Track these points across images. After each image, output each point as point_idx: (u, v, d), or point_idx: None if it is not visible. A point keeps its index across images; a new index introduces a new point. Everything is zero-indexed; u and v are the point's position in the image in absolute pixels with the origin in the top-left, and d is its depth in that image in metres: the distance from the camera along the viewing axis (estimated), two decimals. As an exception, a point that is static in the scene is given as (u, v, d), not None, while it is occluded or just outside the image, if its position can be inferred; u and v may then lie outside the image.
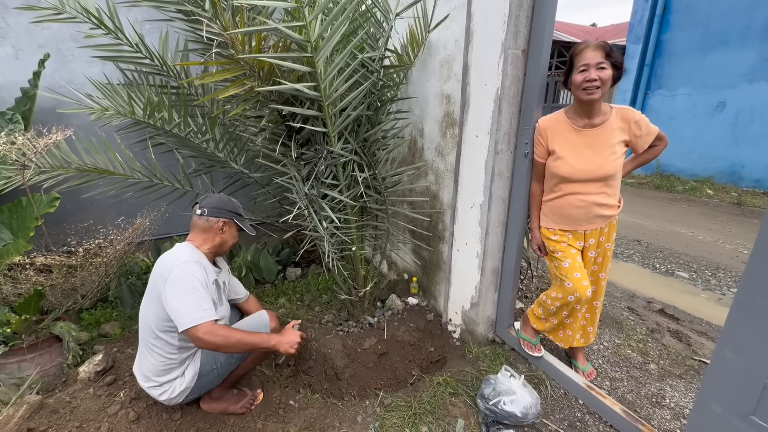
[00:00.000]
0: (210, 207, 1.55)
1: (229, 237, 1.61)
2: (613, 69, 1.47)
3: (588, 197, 1.60)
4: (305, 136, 1.92)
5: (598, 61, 1.46)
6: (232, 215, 1.60)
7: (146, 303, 1.47)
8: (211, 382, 1.57)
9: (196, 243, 1.54)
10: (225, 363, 1.57)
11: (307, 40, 1.42)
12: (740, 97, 6.39)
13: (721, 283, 3.20)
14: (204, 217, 1.54)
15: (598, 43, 1.47)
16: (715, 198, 6.15)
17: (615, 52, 1.47)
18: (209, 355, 1.54)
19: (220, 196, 1.63)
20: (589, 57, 1.47)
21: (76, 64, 2.71)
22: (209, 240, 1.56)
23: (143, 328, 1.48)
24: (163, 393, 1.48)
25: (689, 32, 7.01)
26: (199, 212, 1.55)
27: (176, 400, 1.51)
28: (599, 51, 1.46)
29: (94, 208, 2.76)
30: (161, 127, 2.22)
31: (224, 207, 1.58)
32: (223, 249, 1.62)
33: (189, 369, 1.51)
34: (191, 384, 1.51)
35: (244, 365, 1.64)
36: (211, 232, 1.55)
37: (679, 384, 1.94)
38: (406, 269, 2.89)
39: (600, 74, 1.45)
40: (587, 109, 1.55)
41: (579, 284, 1.63)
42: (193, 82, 2.44)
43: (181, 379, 1.50)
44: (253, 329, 1.58)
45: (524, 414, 1.59)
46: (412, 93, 2.43)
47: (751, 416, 1.07)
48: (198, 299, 1.36)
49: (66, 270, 2.09)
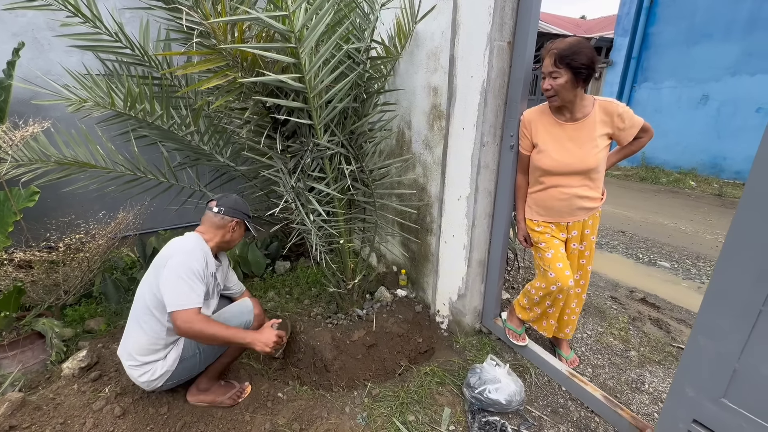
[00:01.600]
0: (227, 207, 1.65)
1: (237, 236, 1.72)
2: (571, 72, 1.45)
3: (570, 190, 1.62)
4: (291, 128, 1.90)
5: (550, 71, 1.49)
6: (244, 216, 1.71)
7: (146, 279, 1.52)
8: (192, 368, 1.58)
9: (206, 237, 1.62)
10: (208, 348, 1.59)
11: (291, 31, 1.39)
12: (723, 90, 6.52)
13: (701, 272, 3.30)
14: (220, 215, 1.63)
15: (552, 51, 1.47)
16: (697, 189, 6.30)
17: (575, 54, 1.42)
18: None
19: (236, 197, 1.74)
20: (545, 65, 1.50)
21: (53, 54, 2.63)
22: (219, 236, 1.65)
23: (137, 304, 1.52)
24: (143, 374, 1.49)
25: (675, 25, 7.10)
26: (216, 210, 1.64)
27: (156, 384, 1.52)
28: (551, 58, 1.47)
29: (75, 203, 2.70)
30: (143, 119, 2.17)
31: (239, 208, 1.69)
32: (229, 246, 1.73)
33: (172, 352, 1.53)
34: (172, 367, 1.52)
35: (229, 352, 1.66)
36: (223, 230, 1.65)
37: (658, 370, 2.01)
38: (395, 261, 2.91)
39: (552, 83, 1.49)
40: (560, 107, 1.59)
41: (561, 274, 1.66)
42: (175, 73, 2.38)
43: (162, 361, 1.51)
44: (236, 315, 1.63)
45: (509, 401, 1.63)
46: (399, 85, 2.42)
47: (722, 399, 1.12)
48: (189, 286, 1.40)
49: (47, 266, 2.05)
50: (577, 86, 1.49)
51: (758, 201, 0.97)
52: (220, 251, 1.73)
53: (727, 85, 6.45)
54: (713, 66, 6.59)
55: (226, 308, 1.70)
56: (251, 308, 1.70)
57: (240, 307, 1.71)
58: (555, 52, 1.46)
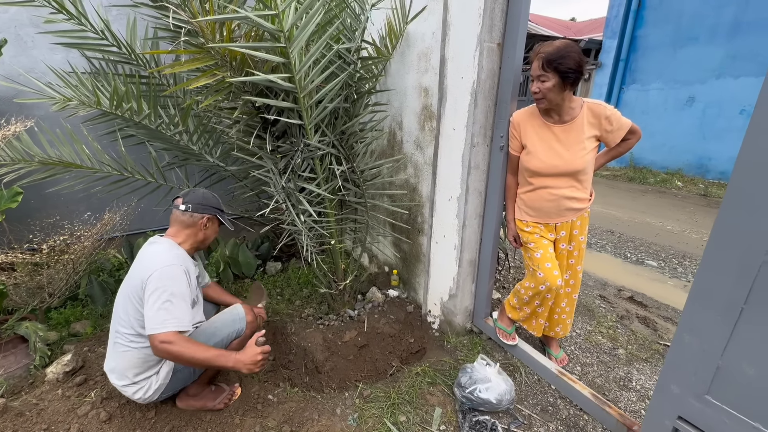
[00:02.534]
0: (195, 203, 1.56)
1: (212, 232, 1.64)
2: (558, 76, 1.47)
3: (558, 191, 1.64)
4: (281, 128, 1.89)
5: (538, 74, 1.50)
6: (215, 211, 1.62)
7: (124, 299, 1.43)
8: (186, 379, 1.55)
9: (178, 240, 1.54)
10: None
11: (281, 30, 1.38)
12: (708, 92, 6.66)
13: (686, 271, 3.36)
14: (188, 213, 1.54)
15: (540, 54, 1.49)
16: (683, 190, 6.43)
17: (562, 58, 1.44)
18: None
19: (203, 191, 1.63)
20: (533, 68, 1.52)
21: (36, 51, 2.56)
22: (192, 236, 1.57)
23: (119, 324, 1.44)
24: (137, 391, 1.45)
25: (662, 28, 7.23)
26: (183, 208, 1.54)
27: (151, 399, 1.49)
28: (539, 62, 1.49)
29: (60, 203, 2.64)
30: (130, 119, 2.13)
31: (208, 203, 1.60)
32: (204, 244, 1.65)
33: (164, 365, 1.49)
34: (165, 381, 1.49)
35: None
36: (194, 228, 1.57)
37: (645, 367, 2.04)
38: (387, 262, 2.91)
39: (540, 86, 1.51)
40: (548, 110, 1.60)
41: (550, 274, 1.68)
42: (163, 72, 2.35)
43: (156, 376, 1.47)
44: (227, 323, 1.57)
45: (499, 400, 1.64)
46: (391, 85, 2.42)
47: (706, 395, 1.14)
48: (167, 308, 1.33)
49: (30, 268, 2.01)
50: (564, 89, 1.51)
51: (739, 202, 0.99)
52: (196, 251, 1.65)
53: (712, 88, 6.59)
54: (699, 68, 6.73)
55: (217, 317, 1.64)
56: (243, 315, 1.62)
57: (231, 315, 1.62)
58: (543, 56, 1.47)
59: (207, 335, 1.52)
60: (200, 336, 1.52)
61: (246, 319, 1.62)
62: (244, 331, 1.61)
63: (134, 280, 1.40)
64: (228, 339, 1.57)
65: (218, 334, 1.54)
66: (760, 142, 0.94)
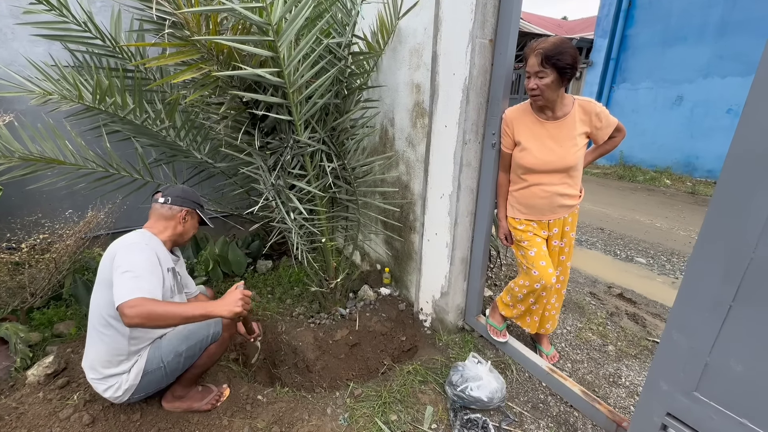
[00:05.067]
0: (174, 196, 1.57)
1: (191, 227, 1.64)
2: (556, 72, 1.47)
3: (551, 188, 1.64)
4: (270, 124, 1.85)
5: (536, 70, 1.49)
6: (194, 205, 1.62)
7: (97, 289, 1.40)
8: (159, 381, 1.49)
9: (154, 230, 1.52)
10: (173, 362, 1.47)
11: (269, 23, 1.35)
12: (696, 91, 6.76)
13: (674, 268, 3.41)
14: (167, 206, 1.55)
15: (537, 50, 1.48)
16: (672, 187, 6.52)
17: (560, 54, 1.44)
18: (156, 351, 1.47)
19: (183, 186, 1.64)
20: (530, 64, 1.51)
21: (17, 43, 2.48)
22: (170, 228, 1.56)
23: (94, 315, 1.40)
24: (108, 389, 1.41)
25: (651, 27, 7.30)
26: (162, 200, 1.55)
27: (122, 399, 1.44)
28: (537, 58, 1.47)
29: (43, 201, 2.57)
30: (115, 113, 2.08)
31: (188, 197, 1.61)
32: (183, 239, 1.63)
33: (135, 366, 1.44)
34: (135, 381, 1.43)
35: (200, 364, 1.54)
36: (173, 221, 1.56)
37: (634, 364, 2.06)
38: (379, 260, 2.89)
39: (538, 82, 1.50)
40: (542, 106, 1.60)
41: (545, 272, 1.68)
42: (148, 65, 2.29)
43: (126, 375, 1.42)
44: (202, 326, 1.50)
45: (490, 398, 1.64)
46: (382, 81, 2.39)
47: (694, 392, 1.14)
48: (133, 276, 1.26)
49: (11, 267, 1.95)
50: (561, 85, 1.51)
51: (727, 202, 1.00)
52: (176, 246, 1.62)
53: (700, 87, 6.69)
54: (687, 68, 6.81)
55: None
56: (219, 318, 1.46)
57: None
58: (541, 52, 1.46)
59: (179, 338, 1.48)
60: (173, 339, 1.48)
61: (222, 321, 1.53)
62: (221, 335, 1.53)
63: (105, 263, 1.37)
64: (202, 344, 1.50)
65: (192, 338, 1.48)
66: (748, 143, 0.94)
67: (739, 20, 6.07)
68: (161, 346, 1.48)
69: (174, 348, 1.48)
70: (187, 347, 1.49)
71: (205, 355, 1.54)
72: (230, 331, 1.57)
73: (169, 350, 1.47)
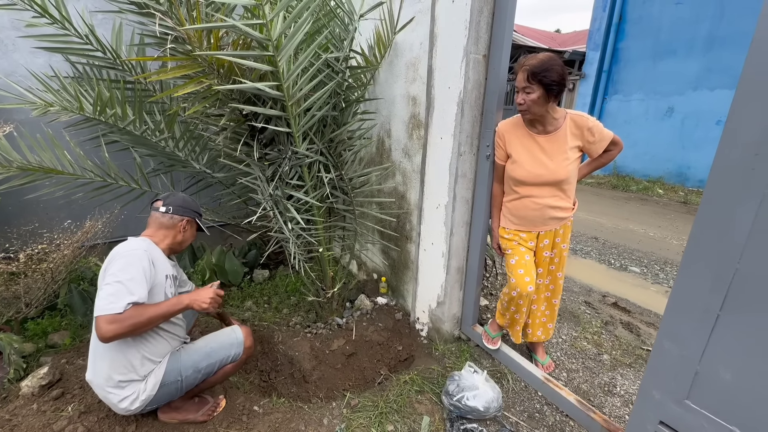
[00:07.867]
0: (175, 205, 1.58)
1: (190, 236, 1.66)
2: (543, 88, 1.50)
3: (542, 200, 1.67)
4: (269, 135, 1.88)
5: (524, 86, 1.54)
6: (195, 214, 1.65)
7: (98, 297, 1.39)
8: (172, 395, 1.50)
9: (155, 239, 1.53)
10: (191, 376, 1.50)
11: (269, 39, 1.39)
12: (686, 103, 6.91)
13: (668, 277, 3.44)
14: (168, 215, 1.56)
15: (525, 66, 1.52)
16: (664, 197, 6.61)
17: (547, 71, 1.47)
18: (175, 363, 1.47)
19: (183, 195, 1.66)
20: (519, 80, 1.56)
21: (17, 55, 2.52)
22: (170, 237, 1.57)
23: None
24: (123, 400, 1.38)
25: (642, 41, 7.49)
26: (164, 209, 1.56)
27: (135, 410, 1.43)
28: (524, 74, 1.52)
29: (40, 210, 2.58)
30: (114, 124, 2.10)
31: (189, 206, 1.63)
32: (182, 247, 1.65)
33: (151, 376, 1.43)
34: (152, 392, 1.43)
35: (212, 381, 1.58)
36: (173, 230, 1.58)
37: (628, 372, 2.07)
38: (376, 269, 2.90)
39: (525, 97, 1.54)
40: (532, 120, 1.64)
41: (521, 280, 1.71)
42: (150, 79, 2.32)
43: (143, 384, 1.41)
44: (224, 346, 1.57)
45: (486, 408, 1.65)
46: (379, 94, 2.44)
47: (685, 400, 1.16)
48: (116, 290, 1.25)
49: (6, 277, 1.94)
50: (548, 101, 1.54)
51: (712, 213, 1.03)
52: (173, 253, 1.63)
53: (690, 99, 6.84)
54: (677, 80, 6.97)
55: (213, 337, 1.60)
56: (242, 340, 1.60)
57: (229, 338, 1.60)
58: (528, 69, 1.50)
59: (201, 355, 1.52)
60: (194, 354, 1.52)
61: (244, 344, 1.61)
62: (240, 357, 1.60)
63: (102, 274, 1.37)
64: (222, 363, 1.56)
65: (213, 356, 1.54)
66: (730, 156, 0.98)
67: (726, 35, 6.25)
68: (180, 359, 1.49)
69: (194, 363, 1.50)
70: (207, 364, 1.52)
71: (221, 373, 1.59)
72: (248, 354, 1.64)
73: (188, 365, 1.49)
